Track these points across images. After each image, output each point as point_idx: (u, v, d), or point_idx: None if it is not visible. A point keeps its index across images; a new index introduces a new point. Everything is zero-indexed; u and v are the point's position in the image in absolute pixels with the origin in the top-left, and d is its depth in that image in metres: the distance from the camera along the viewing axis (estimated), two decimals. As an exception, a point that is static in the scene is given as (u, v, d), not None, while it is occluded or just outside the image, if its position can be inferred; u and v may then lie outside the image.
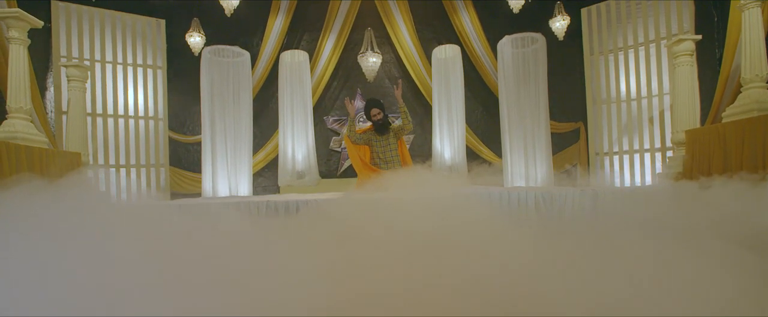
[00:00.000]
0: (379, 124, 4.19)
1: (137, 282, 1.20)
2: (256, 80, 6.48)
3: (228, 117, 5.97)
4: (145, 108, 5.86)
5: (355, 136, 4.26)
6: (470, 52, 6.77)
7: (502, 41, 6.21)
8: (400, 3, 6.67)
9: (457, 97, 6.45)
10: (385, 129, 4.23)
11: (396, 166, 4.20)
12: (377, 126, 4.21)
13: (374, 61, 6.29)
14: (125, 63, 5.71)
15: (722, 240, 1.51)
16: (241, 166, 6.03)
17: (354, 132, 4.26)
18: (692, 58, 4.46)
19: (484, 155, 6.85)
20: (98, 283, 1.19)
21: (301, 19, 6.74)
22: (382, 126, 4.21)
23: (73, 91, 4.28)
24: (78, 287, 1.16)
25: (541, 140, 6.03)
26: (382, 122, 4.20)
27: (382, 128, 4.21)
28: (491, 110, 6.98)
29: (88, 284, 1.18)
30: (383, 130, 4.22)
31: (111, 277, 1.22)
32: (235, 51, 6.04)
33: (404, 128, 4.23)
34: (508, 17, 6.80)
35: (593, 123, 6.18)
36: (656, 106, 5.56)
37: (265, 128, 6.75)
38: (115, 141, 5.57)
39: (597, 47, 6.12)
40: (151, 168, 5.87)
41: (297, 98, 6.34)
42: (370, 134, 4.29)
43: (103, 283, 1.19)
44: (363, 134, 4.32)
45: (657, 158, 5.52)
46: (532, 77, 6.13)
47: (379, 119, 4.18)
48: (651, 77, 5.59)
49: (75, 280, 1.20)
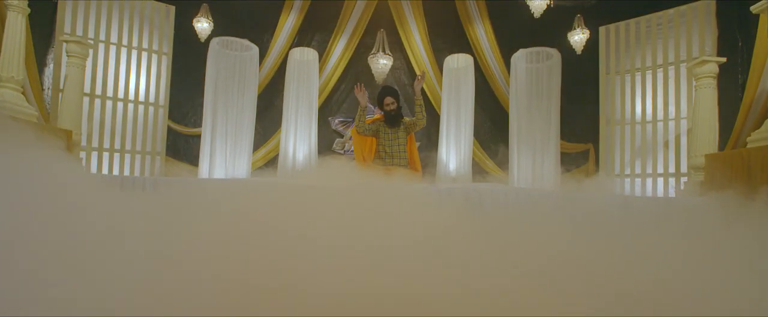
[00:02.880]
0: (391, 114, 3.84)
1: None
2: (262, 76, 6.35)
3: (231, 111, 5.81)
4: (145, 94, 5.71)
5: (364, 126, 3.89)
6: (482, 64, 6.63)
7: (517, 55, 6.06)
8: (415, 8, 6.56)
9: (467, 108, 6.29)
10: (397, 121, 3.89)
11: (402, 162, 3.86)
12: (389, 117, 3.85)
13: (384, 63, 6.15)
14: (130, 46, 5.58)
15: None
16: (240, 162, 5.85)
17: (363, 122, 3.88)
18: (715, 82, 4.29)
19: (490, 169, 6.66)
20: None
21: (314, 18, 6.64)
22: (394, 117, 3.86)
23: (71, 67, 4.13)
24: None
25: (550, 158, 5.84)
26: (395, 113, 3.85)
27: (394, 119, 3.86)
28: (500, 124, 6.81)
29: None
30: (394, 121, 3.87)
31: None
32: (244, 44, 5.91)
33: (417, 123, 3.88)
34: (523, 30, 6.69)
35: (605, 144, 5.99)
36: (672, 130, 5.36)
37: (267, 125, 6.60)
38: (112, 124, 5.41)
39: (613, 67, 5.96)
40: (146, 156, 5.70)
41: (303, 96, 6.19)
42: (379, 124, 3.95)
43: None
44: (371, 124, 3.96)
45: (670, 183, 5.30)
46: (544, 94, 5.96)
47: (392, 110, 3.83)
48: (668, 100, 5.41)
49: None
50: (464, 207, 2.22)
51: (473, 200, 2.25)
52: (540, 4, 4.34)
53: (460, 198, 2.29)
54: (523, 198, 2.31)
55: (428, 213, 1.80)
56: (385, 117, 3.89)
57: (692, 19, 5.22)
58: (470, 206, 2.23)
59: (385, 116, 3.87)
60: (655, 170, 5.47)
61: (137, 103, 5.65)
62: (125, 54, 5.55)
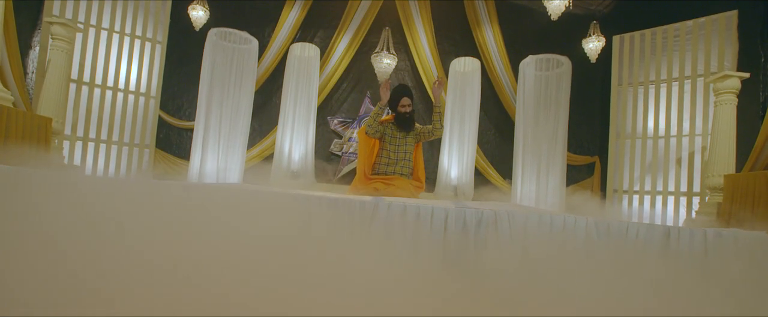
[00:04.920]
0: (405, 117, 3.33)
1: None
2: (261, 71, 6.10)
3: (226, 105, 5.56)
4: (137, 83, 5.46)
5: (376, 127, 3.33)
6: (489, 69, 6.40)
7: (526, 61, 5.84)
8: (422, 8, 6.33)
9: (472, 114, 6.05)
10: (410, 126, 3.39)
11: (405, 170, 3.38)
12: (402, 120, 3.34)
13: (388, 63, 5.92)
14: (122, 32, 5.33)
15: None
16: (233, 158, 5.60)
17: (377, 122, 3.32)
18: (736, 98, 4.07)
19: (493, 178, 6.42)
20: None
21: (317, 14, 6.40)
22: (408, 121, 3.35)
23: (56, 51, 3.88)
24: None
25: (555, 170, 5.60)
26: (410, 117, 3.35)
27: (408, 123, 3.36)
28: (505, 132, 6.58)
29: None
30: (407, 126, 3.37)
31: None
32: (244, 37, 5.67)
33: (433, 132, 3.36)
34: (533, 35, 6.47)
35: (614, 158, 5.76)
36: (686, 146, 5.13)
37: (264, 122, 6.35)
38: (99, 114, 5.15)
39: (626, 78, 5.73)
40: (135, 148, 5.44)
41: (302, 93, 5.95)
42: (387, 126, 3.43)
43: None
44: (380, 125, 3.42)
45: (681, 203, 5.07)
46: (552, 103, 5.73)
47: (407, 112, 3.33)
48: (683, 115, 5.19)
49: None
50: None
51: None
52: (558, 5, 4.08)
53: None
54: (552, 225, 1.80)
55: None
56: (396, 119, 3.39)
57: (712, 32, 5.00)
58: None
59: (398, 118, 3.37)
60: (666, 188, 5.24)
61: (127, 92, 5.40)
62: (117, 40, 5.30)
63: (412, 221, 1.64)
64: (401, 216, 1.64)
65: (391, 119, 3.45)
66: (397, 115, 3.37)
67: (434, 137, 3.38)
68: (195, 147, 5.45)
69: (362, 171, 3.33)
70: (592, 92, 6.59)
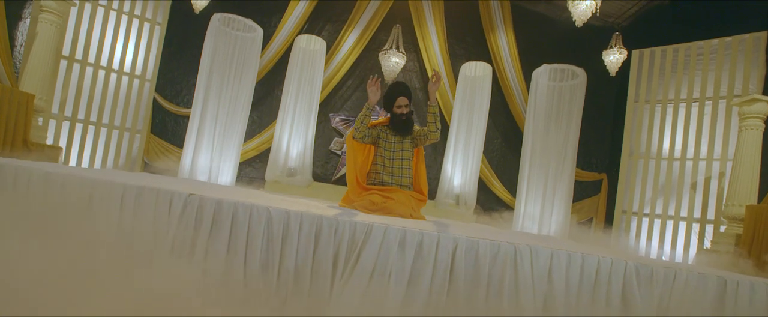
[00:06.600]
0: (401, 119, 2.90)
1: None
2: (264, 62, 5.87)
3: (225, 94, 5.31)
4: (132, 64, 5.22)
5: (365, 131, 2.90)
6: (500, 76, 6.17)
7: (539, 70, 5.59)
8: (435, 8, 6.09)
9: (480, 121, 5.81)
10: (407, 129, 2.95)
11: (405, 181, 2.93)
12: (398, 122, 2.91)
13: (396, 61, 5.68)
14: (120, 10, 5.09)
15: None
16: (229, 150, 5.36)
17: (365, 125, 2.89)
18: (763, 124, 3.84)
19: (496, 189, 6.19)
20: None
21: (326, 7, 6.17)
22: (405, 124, 2.93)
23: (45, 24, 3.65)
24: None
25: (562, 185, 5.36)
26: (407, 119, 2.92)
27: (404, 126, 2.93)
28: (512, 142, 6.35)
29: None
30: (404, 129, 2.94)
31: None
32: (248, 24, 5.42)
33: (429, 135, 2.90)
34: (548, 44, 6.24)
35: (625, 177, 5.51)
36: (702, 171, 4.89)
37: (264, 115, 6.12)
38: (90, 94, 4.91)
39: (644, 94, 5.49)
40: (126, 132, 5.20)
41: (305, 87, 5.71)
42: (381, 130, 3.00)
43: None
44: (371, 129, 2.98)
45: (694, 229, 4.83)
46: (564, 115, 5.48)
47: (404, 114, 2.90)
48: (701, 138, 4.95)
49: None
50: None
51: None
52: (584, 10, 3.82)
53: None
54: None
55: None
56: (392, 122, 2.96)
57: (738, 52, 4.76)
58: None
59: (393, 120, 2.94)
60: (678, 213, 5.00)
61: (121, 73, 5.16)
62: (114, 18, 5.06)
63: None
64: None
65: (386, 121, 3.03)
66: (393, 117, 2.94)
67: (431, 140, 2.95)
68: (189, 135, 5.20)
69: (355, 180, 2.91)
70: (606, 106, 6.36)
